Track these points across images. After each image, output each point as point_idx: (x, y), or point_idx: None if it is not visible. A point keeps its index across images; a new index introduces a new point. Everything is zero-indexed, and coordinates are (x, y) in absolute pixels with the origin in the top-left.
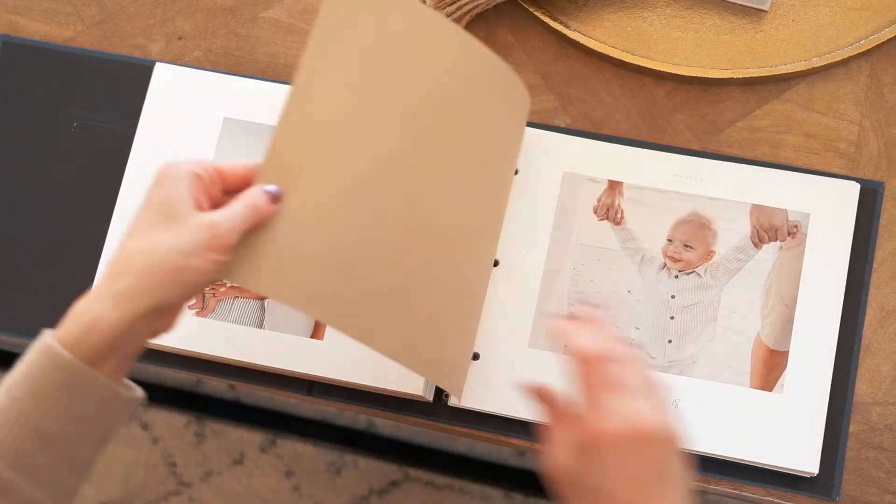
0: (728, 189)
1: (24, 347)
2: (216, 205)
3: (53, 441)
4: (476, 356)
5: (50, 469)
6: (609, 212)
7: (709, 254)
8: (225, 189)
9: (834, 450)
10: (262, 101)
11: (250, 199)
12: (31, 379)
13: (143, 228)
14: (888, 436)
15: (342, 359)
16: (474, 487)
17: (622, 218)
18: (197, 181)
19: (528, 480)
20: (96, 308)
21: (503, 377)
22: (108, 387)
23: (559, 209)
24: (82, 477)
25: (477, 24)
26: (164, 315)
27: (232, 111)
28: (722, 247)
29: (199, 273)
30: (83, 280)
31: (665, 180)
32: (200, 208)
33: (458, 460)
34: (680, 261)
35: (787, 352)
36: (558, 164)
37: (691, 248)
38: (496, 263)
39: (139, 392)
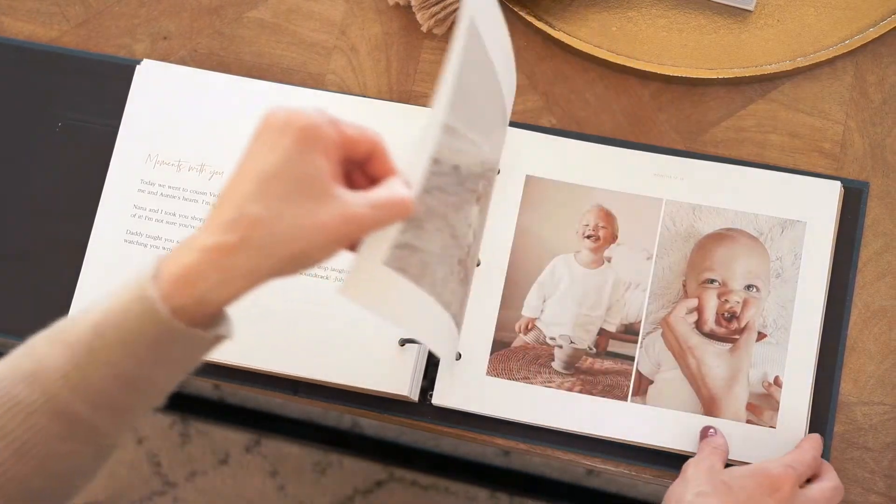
0: (711, 191)
1: (7, 347)
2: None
3: (138, 383)
4: (458, 356)
5: (128, 405)
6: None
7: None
8: (346, 158)
9: None
10: (248, 100)
11: (395, 198)
12: (126, 328)
13: (273, 195)
14: (873, 435)
15: (328, 359)
16: (459, 487)
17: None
18: (338, 152)
19: (513, 480)
20: (208, 281)
21: (487, 377)
22: (203, 338)
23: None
24: (156, 404)
25: None
26: None
27: (218, 110)
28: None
29: (316, 262)
30: (67, 280)
31: (644, 181)
32: (336, 182)
33: (442, 460)
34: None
35: None
36: (543, 164)
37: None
38: (478, 264)
39: (228, 328)
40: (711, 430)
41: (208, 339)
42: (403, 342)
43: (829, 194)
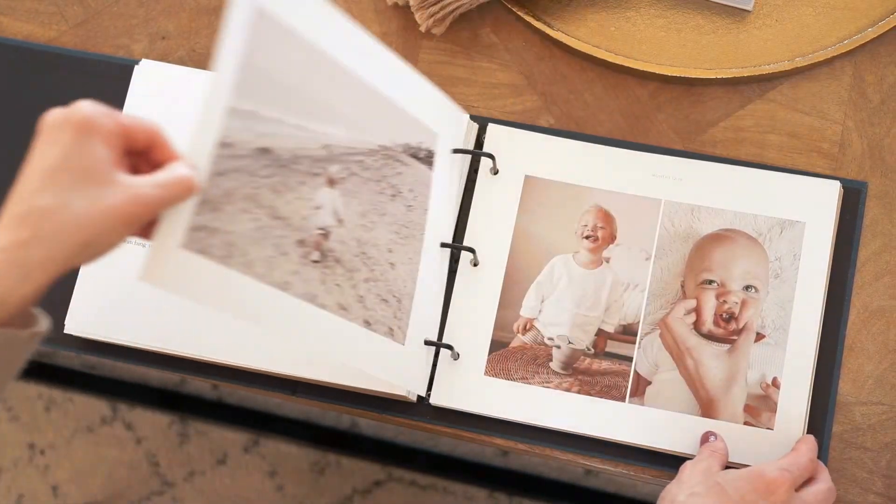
0: (710, 192)
1: None
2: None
3: None
4: (456, 356)
5: None
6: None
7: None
8: (127, 148)
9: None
10: None
11: (176, 177)
12: None
13: (59, 186)
14: (871, 435)
15: (326, 359)
16: (458, 487)
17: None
18: (118, 141)
19: (511, 480)
20: (8, 279)
21: (485, 377)
22: (17, 336)
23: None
24: None
25: (460, 23)
26: None
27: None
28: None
29: (109, 247)
30: (65, 279)
31: (643, 182)
32: (119, 169)
33: (441, 460)
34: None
35: None
36: (541, 164)
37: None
38: (475, 264)
39: (44, 324)
40: (712, 436)
41: (23, 338)
42: (427, 343)
43: (828, 194)
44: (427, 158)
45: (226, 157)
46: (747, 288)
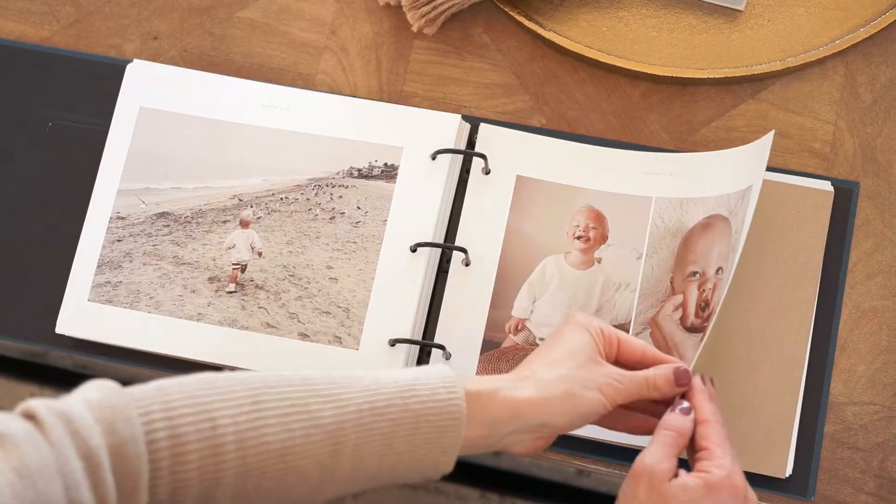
0: (696, 182)
1: None
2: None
3: (391, 453)
4: (448, 356)
5: (368, 471)
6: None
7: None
8: (617, 357)
9: (808, 450)
10: (240, 100)
11: (655, 377)
12: (428, 399)
13: (554, 360)
14: (863, 435)
15: (316, 360)
16: (450, 487)
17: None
18: (601, 338)
19: (504, 480)
20: (514, 393)
21: (477, 377)
22: (455, 437)
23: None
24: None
25: (452, 23)
26: (539, 436)
27: (209, 109)
28: None
29: (587, 405)
30: (57, 279)
31: (634, 180)
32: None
33: None
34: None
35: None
36: (533, 164)
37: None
38: (467, 264)
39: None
40: (682, 406)
41: (454, 441)
42: (393, 342)
43: (761, 147)
44: (385, 173)
45: (120, 227)
46: (718, 271)
